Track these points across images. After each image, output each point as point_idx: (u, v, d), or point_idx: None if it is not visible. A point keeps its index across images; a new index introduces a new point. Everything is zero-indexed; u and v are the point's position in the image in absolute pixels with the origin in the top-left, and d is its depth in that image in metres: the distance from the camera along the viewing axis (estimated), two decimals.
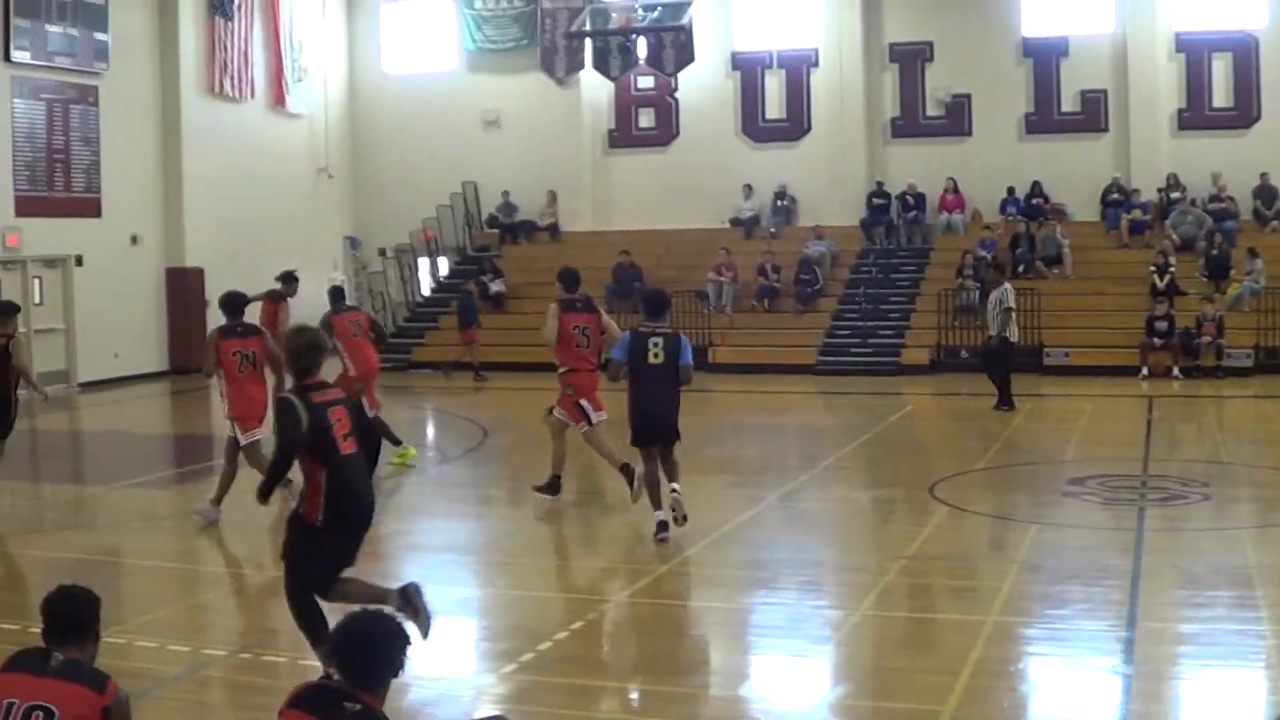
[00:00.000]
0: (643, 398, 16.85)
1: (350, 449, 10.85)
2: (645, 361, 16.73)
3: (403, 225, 44.62)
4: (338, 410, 10.90)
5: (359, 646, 6.42)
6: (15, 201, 34.25)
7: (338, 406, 10.94)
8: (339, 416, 10.86)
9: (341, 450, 10.77)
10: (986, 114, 40.94)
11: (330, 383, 11.43)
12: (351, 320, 22.28)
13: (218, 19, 40.62)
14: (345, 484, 10.81)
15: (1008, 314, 28.00)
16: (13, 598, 14.71)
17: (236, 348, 18.44)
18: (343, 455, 10.78)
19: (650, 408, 16.84)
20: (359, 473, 10.99)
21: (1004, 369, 28.23)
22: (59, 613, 7.09)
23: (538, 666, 11.70)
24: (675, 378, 16.78)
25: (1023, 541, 16.22)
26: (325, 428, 10.72)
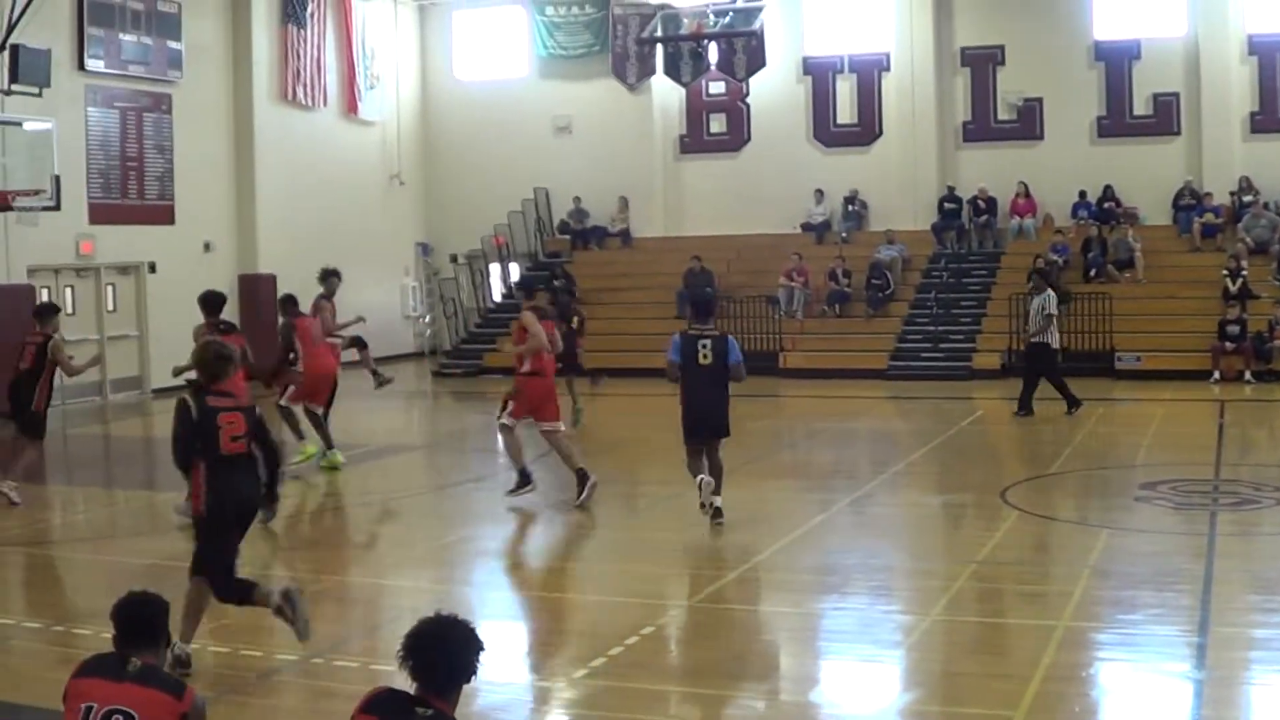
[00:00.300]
0: (695, 397, 17.66)
1: (237, 449, 11.68)
2: (696, 363, 17.59)
3: (474, 231, 44.76)
4: (231, 415, 11.70)
5: (433, 651, 6.43)
6: (89, 209, 34.52)
7: (233, 412, 11.74)
8: (231, 420, 11.68)
9: (224, 450, 11.60)
10: (1058, 118, 40.79)
11: (231, 393, 12.09)
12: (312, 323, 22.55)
13: (290, 27, 40.89)
14: (225, 482, 11.62)
15: (1049, 320, 27.90)
16: (86, 602, 14.83)
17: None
18: (224, 455, 11.60)
19: (701, 406, 17.63)
20: (242, 473, 11.77)
21: (1037, 373, 28.11)
22: (131, 618, 7.17)
23: (608, 671, 11.73)
24: (724, 377, 17.64)
25: (1094, 546, 16.14)
26: (212, 429, 11.57)
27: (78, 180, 33.23)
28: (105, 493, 21.98)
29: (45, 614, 14.10)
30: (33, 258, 32.52)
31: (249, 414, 11.92)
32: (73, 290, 34.50)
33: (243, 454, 11.77)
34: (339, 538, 18.98)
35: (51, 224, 30.72)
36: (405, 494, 21.65)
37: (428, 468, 25.10)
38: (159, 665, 7.05)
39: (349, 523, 19.85)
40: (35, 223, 29.93)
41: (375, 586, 15.60)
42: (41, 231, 30.91)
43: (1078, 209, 39.94)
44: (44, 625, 13.62)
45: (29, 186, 27.99)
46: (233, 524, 11.87)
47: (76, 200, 32.83)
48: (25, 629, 13.58)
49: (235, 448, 11.68)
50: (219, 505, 11.68)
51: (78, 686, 6.93)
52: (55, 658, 12.67)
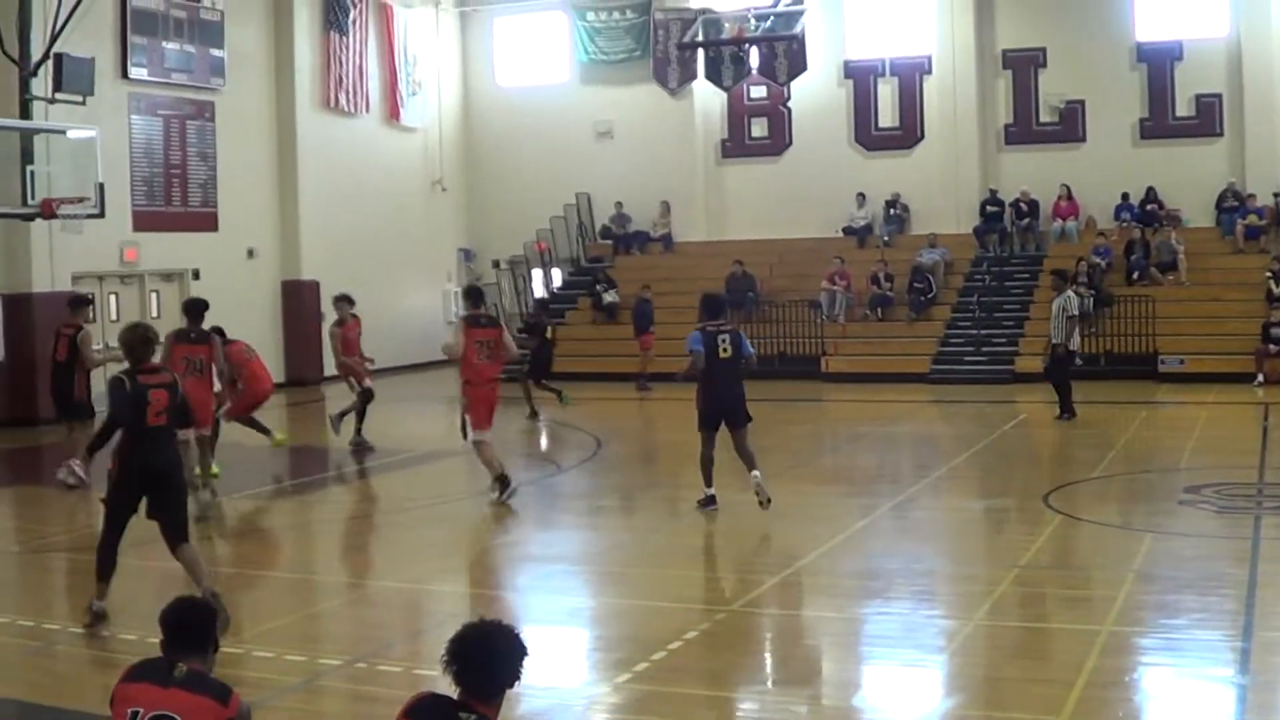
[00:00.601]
0: (719, 388, 18.81)
1: (159, 422, 13.31)
2: (718, 357, 18.70)
3: (516, 237, 44.84)
4: (158, 392, 13.33)
5: (477, 656, 6.44)
6: (133, 216, 34.71)
7: (159, 389, 13.37)
8: (157, 396, 13.29)
9: (149, 422, 13.24)
10: (1100, 120, 40.67)
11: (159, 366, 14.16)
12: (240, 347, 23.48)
13: (332, 34, 41.04)
14: (144, 448, 13.28)
15: (1071, 322, 27.84)
16: (131, 607, 14.89)
17: (185, 353, 19.71)
18: (148, 426, 13.24)
19: (726, 396, 18.82)
20: (162, 443, 13.41)
21: (1064, 377, 28.06)
22: (179, 624, 7.20)
23: (651, 676, 11.75)
24: (740, 369, 18.98)
25: (1137, 551, 16.11)
26: (143, 404, 13.19)
27: (122, 188, 33.37)
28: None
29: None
30: (77, 265, 32.68)
31: (172, 390, 13.50)
32: (117, 297, 34.70)
33: (163, 426, 13.38)
34: (381, 543, 19.03)
35: (96, 231, 30.82)
36: (447, 499, 21.69)
37: (469, 473, 25.10)
38: (206, 671, 7.08)
39: (391, 528, 19.89)
40: (80, 230, 30.02)
41: (417, 591, 15.63)
42: (86, 239, 31.00)
43: (1120, 211, 39.83)
44: (88, 630, 13.68)
45: (73, 194, 28.07)
46: (136, 485, 13.40)
47: (120, 208, 32.95)
48: (70, 634, 13.66)
49: (159, 420, 13.32)
50: (129, 471, 13.32)
51: (124, 691, 6.97)
52: (100, 662, 12.77)
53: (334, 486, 24.02)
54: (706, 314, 19.23)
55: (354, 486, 23.42)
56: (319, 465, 26.44)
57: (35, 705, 11.68)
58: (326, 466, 26.17)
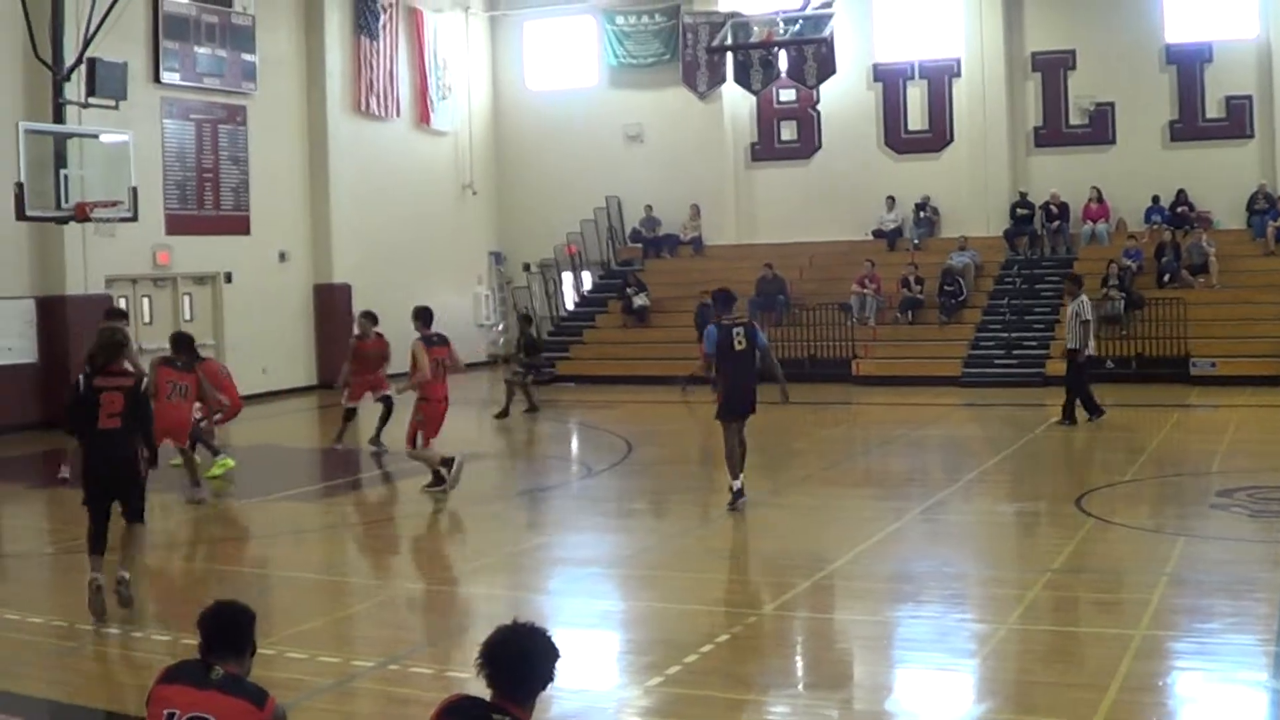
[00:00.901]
0: (738, 380, 19.43)
1: (112, 425, 13.92)
2: (733, 349, 19.34)
3: (546, 240, 44.95)
4: (111, 394, 13.95)
5: (511, 659, 6.46)
6: (166, 220, 34.87)
7: (114, 391, 13.99)
8: (111, 399, 13.92)
9: (100, 425, 13.92)
10: (1130, 122, 40.60)
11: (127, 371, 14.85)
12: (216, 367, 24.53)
13: (363, 38, 41.17)
14: (97, 450, 14.04)
15: (1085, 327, 27.76)
16: (166, 608, 14.99)
17: (171, 378, 21.02)
18: (99, 429, 13.95)
19: (742, 386, 19.47)
20: (111, 444, 13.99)
21: (1080, 382, 27.98)
22: (217, 627, 7.22)
23: (683, 680, 11.77)
24: (755, 360, 19.61)
25: (1170, 554, 16.07)
26: (93, 404, 13.90)
27: (154, 191, 33.53)
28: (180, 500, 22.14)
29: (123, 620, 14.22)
30: (110, 268, 32.84)
31: (129, 392, 14.12)
32: (150, 300, 34.85)
33: (118, 429, 13.95)
34: (413, 545, 19.09)
35: (129, 235, 31.01)
36: (478, 501, 21.73)
37: (501, 475, 25.18)
38: (243, 674, 7.11)
39: (423, 530, 19.95)
40: (113, 234, 30.19)
41: (449, 594, 15.69)
42: (119, 242, 31.19)
43: (1151, 214, 39.76)
44: (122, 631, 13.75)
45: (106, 198, 28.24)
46: (101, 486, 14.15)
47: (153, 211, 33.10)
48: (103, 635, 13.71)
49: (111, 423, 13.93)
50: (90, 471, 14.15)
51: (161, 692, 7.01)
52: (133, 663, 12.83)
53: (365, 489, 24.06)
54: (720, 308, 19.86)
55: (385, 489, 23.45)
56: (350, 468, 26.50)
57: (70, 706, 11.75)
58: (359, 469, 26.23)
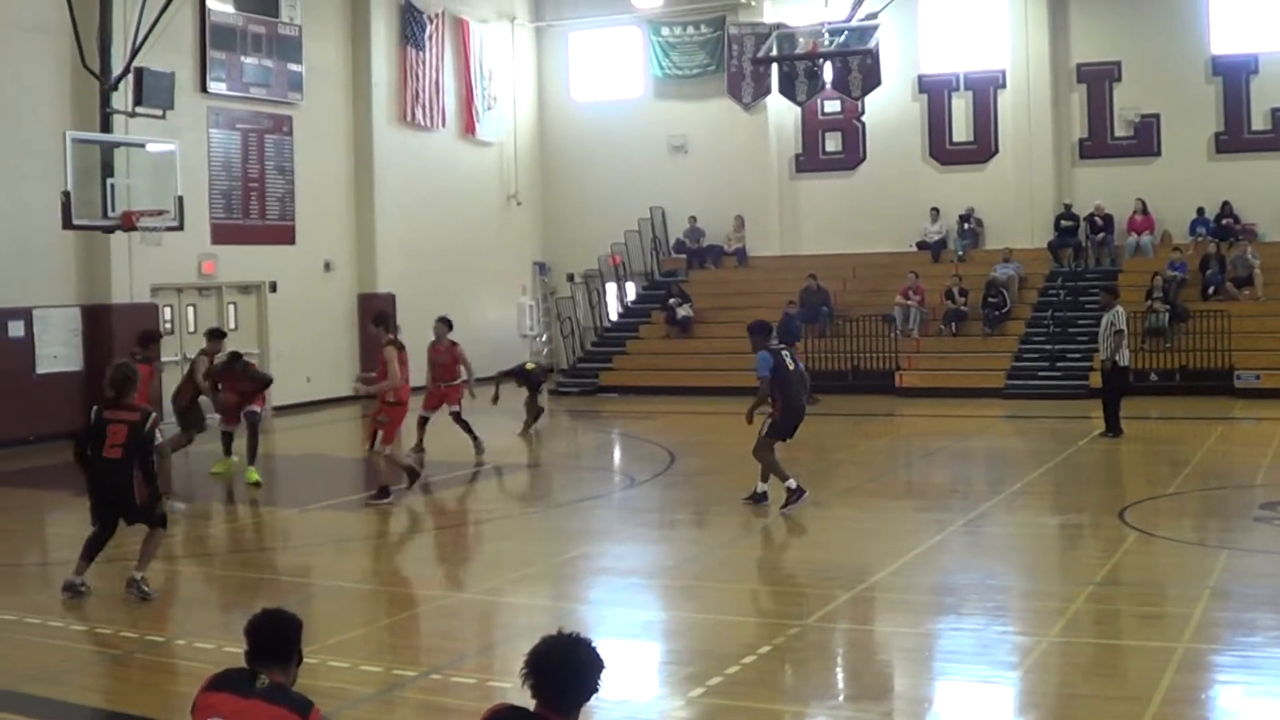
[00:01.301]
0: (794, 400, 20.45)
1: (114, 455, 14.93)
2: (788, 370, 20.45)
3: (591, 250, 44.99)
4: (117, 426, 14.98)
5: (557, 670, 6.45)
6: (212, 229, 35.08)
7: (120, 425, 15.00)
8: (115, 430, 14.96)
9: (104, 454, 14.98)
10: (1175, 133, 40.50)
11: (133, 405, 15.48)
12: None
13: (409, 49, 41.32)
14: (96, 476, 15.18)
15: (1119, 337, 27.67)
16: (209, 616, 15.06)
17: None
18: (103, 457, 14.99)
19: (799, 406, 20.57)
20: (110, 472, 15.03)
21: (1114, 393, 27.91)
22: (263, 635, 7.23)
23: (725, 691, 11.77)
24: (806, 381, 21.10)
25: (1213, 568, 16.02)
26: (100, 435, 15.01)
27: (200, 201, 33.66)
28: (227, 509, 22.24)
29: (166, 628, 14.31)
30: (156, 277, 33.02)
31: (133, 427, 15.00)
32: (195, 309, 35.01)
33: (118, 459, 14.92)
34: (456, 554, 19.13)
35: (174, 244, 31.14)
36: (522, 511, 21.76)
37: (544, 485, 25.22)
38: (288, 683, 7.14)
39: (466, 539, 20.00)
40: (159, 243, 30.31)
41: (492, 604, 15.71)
42: (165, 251, 31.34)
43: (1196, 226, 39.64)
44: (166, 639, 13.83)
45: (153, 207, 28.35)
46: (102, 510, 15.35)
47: (199, 220, 33.23)
48: (147, 643, 13.80)
49: (113, 453, 14.92)
50: (92, 491, 15.31)
51: (206, 699, 7.04)
52: (175, 671, 12.90)
53: (407, 498, 24.11)
54: (761, 337, 20.78)
55: (427, 498, 23.49)
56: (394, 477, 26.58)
57: (113, 713, 11.82)
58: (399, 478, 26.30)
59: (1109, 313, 27.83)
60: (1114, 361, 27.61)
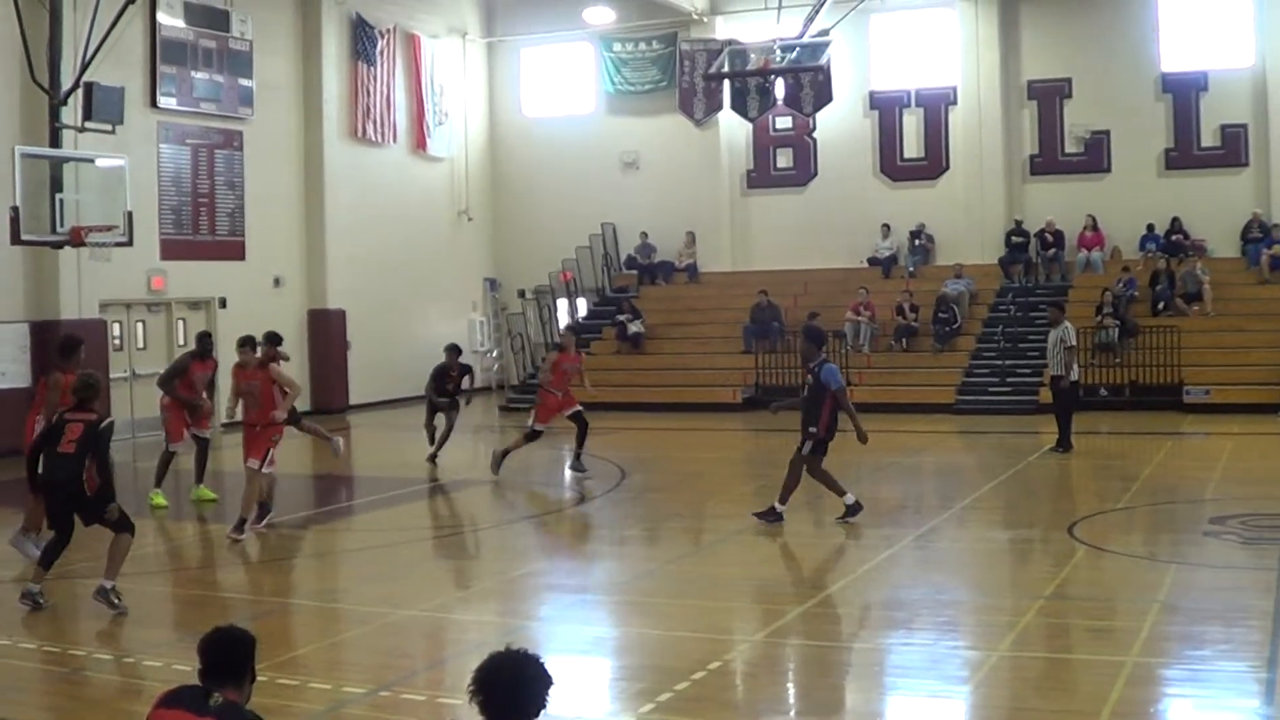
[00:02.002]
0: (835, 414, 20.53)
1: (67, 450, 15.24)
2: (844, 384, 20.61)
3: (542, 266, 44.92)
4: (75, 425, 15.37)
5: (505, 687, 6.41)
6: (161, 245, 34.96)
7: (77, 424, 15.39)
8: (73, 428, 15.34)
9: (59, 448, 15.30)
10: (1125, 150, 40.71)
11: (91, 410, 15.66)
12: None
13: (360, 64, 41.30)
14: (48, 469, 15.42)
15: (1070, 353, 27.77)
16: (157, 633, 14.96)
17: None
18: (57, 452, 15.30)
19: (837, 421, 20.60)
20: (61, 465, 15.27)
21: (1066, 409, 28.02)
22: (217, 653, 7.17)
23: (675, 707, 11.73)
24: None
25: (1162, 582, 16.09)
26: (58, 433, 15.38)
27: (150, 216, 33.51)
28: (176, 525, 22.13)
29: (114, 646, 14.23)
30: (105, 293, 32.90)
31: (89, 425, 15.36)
32: (144, 325, 34.88)
33: (70, 454, 15.22)
34: (406, 570, 19.03)
35: (124, 260, 30.98)
36: (471, 528, 21.72)
37: (494, 502, 25.16)
38: (242, 701, 7.09)
39: (416, 556, 19.91)
40: (108, 258, 30.15)
41: (442, 620, 15.66)
42: (114, 267, 31.18)
43: (1145, 242, 39.83)
44: (114, 657, 13.76)
45: (102, 222, 28.22)
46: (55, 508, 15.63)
47: (148, 236, 33.09)
48: (95, 660, 13.74)
49: (67, 448, 15.26)
50: (43, 483, 15.55)
51: (159, 716, 6.97)
52: (124, 689, 12.82)
53: (357, 515, 24.05)
54: (818, 347, 20.76)
55: (377, 515, 23.41)
56: (344, 494, 26.52)
57: None
58: (352, 495, 26.23)
59: (1058, 329, 27.89)
60: (1067, 378, 27.69)
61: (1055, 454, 27.54)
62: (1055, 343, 27.82)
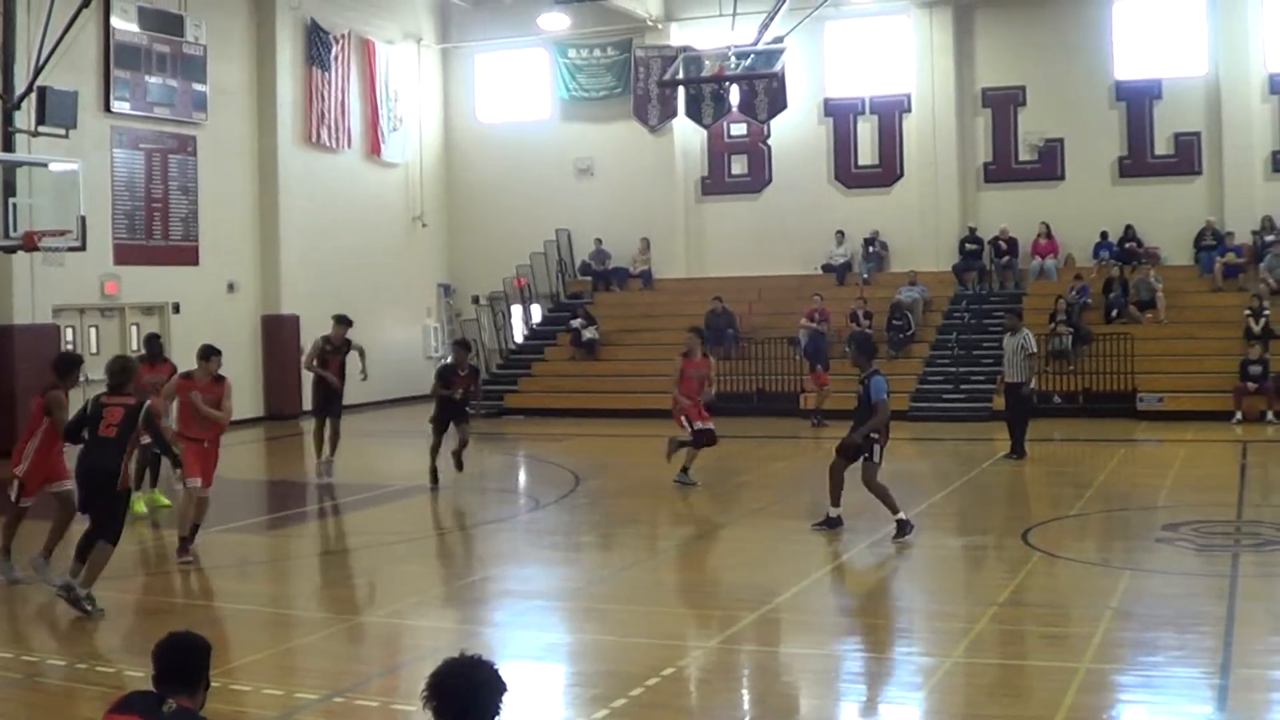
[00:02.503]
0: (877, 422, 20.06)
1: (108, 434, 15.39)
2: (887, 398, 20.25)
3: (496, 273, 44.88)
4: (114, 410, 15.56)
5: (459, 693, 6.38)
6: (114, 250, 34.82)
7: (117, 408, 15.59)
8: (113, 413, 15.51)
9: (99, 433, 15.45)
10: (1079, 158, 40.86)
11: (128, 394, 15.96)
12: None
13: (315, 70, 41.18)
14: (88, 452, 15.52)
15: (1031, 360, 27.85)
16: (110, 639, 14.88)
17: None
18: (98, 435, 15.45)
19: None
20: (102, 451, 15.37)
21: (1021, 416, 28.07)
22: (171, 659, 7.11)
23: (629, 713, 11.72)
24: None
25: (1116, 588, 16.11)
26: (96, 418, 15.52)
27: (103, 221, 33.42)
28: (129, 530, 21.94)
29: (68, 652, 14.15)
30: (58, 298, 32.74)
31: (130, 410, 15.57)
32: (97, 330, 34.73)
33: (112, 438, 15.39)
34: (357, 577, 18.99)
35: (77, 264, 30.84)
36: (426, 534, 21.68)
37: (448, 508, 25.11)
38: (196, 708, 7.04)
39: (370, 562, 19.84)
40: (61, 263, 30.03)
41: (395, 626, 15.60)
42: (67, 272, 31.03)
43: (1099, 249, 39.97)
44: (67, 663, 13.68)
45: (55, 227, 28.08)
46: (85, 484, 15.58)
47: (102, 241, 32.99)
48: (49, 666, 13.66)
49: (108, 432, 15.42)
50: (82, 470, 15.57)
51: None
52: (80, 695, 12.74)
53: (311, 521, 24.01)
54: (869, 357, 20.81)
55: (330, 521, 23.38)
56: (298, 500, 26.45)
57: None
58: (305, 501, 26.17)
59: (1016, 335, 27.92)
60: (1027, 384, 27.75)
61: (1009, 461, 27.58)
62: (1015, 349, 27.82)
